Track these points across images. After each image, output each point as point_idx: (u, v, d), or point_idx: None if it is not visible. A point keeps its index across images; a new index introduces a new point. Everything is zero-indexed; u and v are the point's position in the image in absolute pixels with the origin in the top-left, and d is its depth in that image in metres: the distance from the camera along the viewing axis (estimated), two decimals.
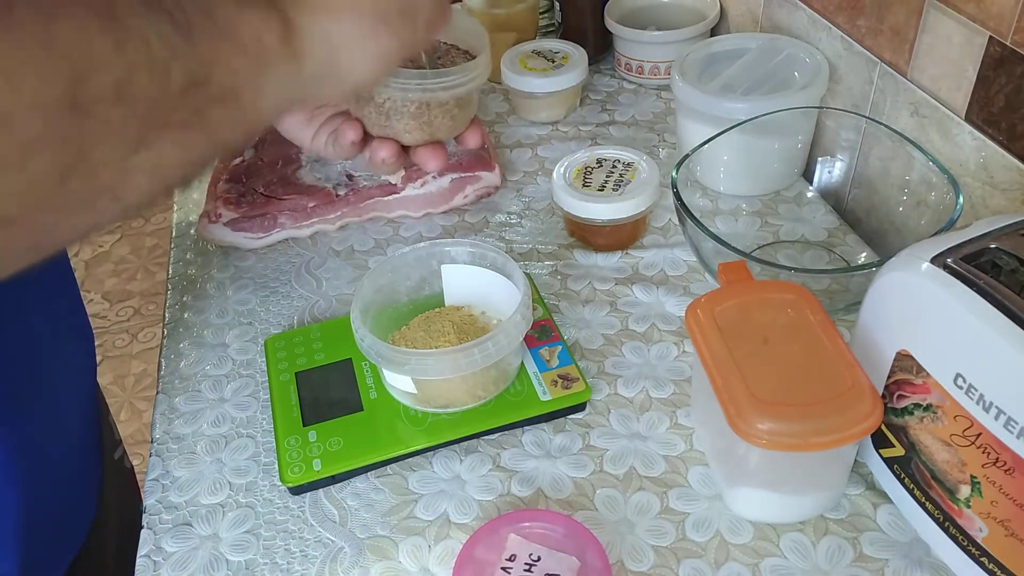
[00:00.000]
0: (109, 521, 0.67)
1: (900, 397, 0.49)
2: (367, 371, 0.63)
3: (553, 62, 0.92)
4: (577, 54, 0.93)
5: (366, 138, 0.52)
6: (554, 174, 0.75)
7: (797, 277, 0.60)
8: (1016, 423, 0.41)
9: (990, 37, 0.59)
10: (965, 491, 0.46)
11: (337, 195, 0.80)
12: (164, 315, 0.74)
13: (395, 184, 0.80)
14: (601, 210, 0.72)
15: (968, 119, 0.63)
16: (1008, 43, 0.58)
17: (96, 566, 0.65)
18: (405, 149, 0.53)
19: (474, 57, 0.52)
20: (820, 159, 0.79)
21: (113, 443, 0.71)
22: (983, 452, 0.43)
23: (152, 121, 0.32)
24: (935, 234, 0.57)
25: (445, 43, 0.55)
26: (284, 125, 0.58)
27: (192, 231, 0.82)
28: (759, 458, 0.50)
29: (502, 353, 0.57)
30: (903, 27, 0.68)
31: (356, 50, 0.40)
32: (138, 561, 0.55)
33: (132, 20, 0.31)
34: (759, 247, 0.74)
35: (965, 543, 0.47)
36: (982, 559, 0.46)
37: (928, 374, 0.46)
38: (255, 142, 0.86)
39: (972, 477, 0.45)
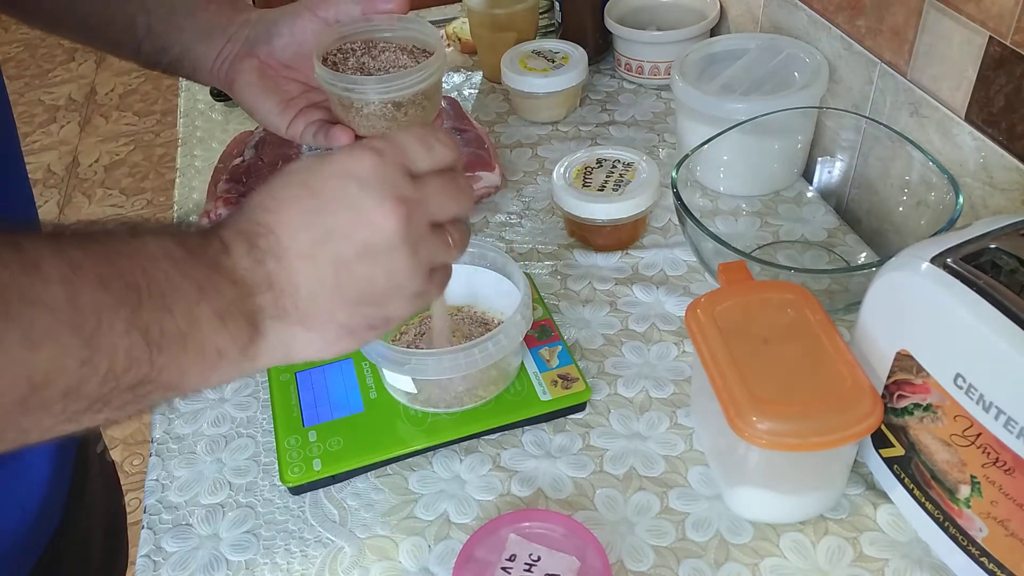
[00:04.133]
0: (95, 515, 0.67)
1: (900, 397, 0.49)
2: (367, 371, 0.63)
3: (553, 62, 0.92)
4: (577, 54, 0.93)
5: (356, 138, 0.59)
6: (554, 174, 0.75)
7: (797, 277, 0.60)
8: (1016, 423, 0.41)
9: (990, 37, 0.59)
10: (965, 491, 0.46)
11: None
12: None
13: None
14: (601, 210, 0.72)
15: (968, 119, 0.63)
16: (1008, 43, 0.58)
17: (82, 559, 0.65)
18: None
19: (429, 53, 0.59)
20: (820, 159, 0.79)
21: (95, 436, 0.71)
22: (983, 452, 0.43)
23: (92, 407, 0.35)
24: (935, 234, 0.57)
25: (388, 39, 0.61)
26: (258, 114, 0.63)
27: None
28: (759, 458, 0.50)
29: (502, 353, 0.57)
30: (903, 27, 0.68)
31: (314, 351, 0.42)
32: (138, 561, 0.55)
33: (107, 339, 0.34)
34: (759, 247, 0.74)
35: (965, 543, 0.47)
36: (982, 559, 0.46)
37: (928, 374, 0.46)
38: (255, 143, 0.86)
39: (972, 477, 0.45)
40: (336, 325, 0.42)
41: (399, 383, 0.59)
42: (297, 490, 0.57)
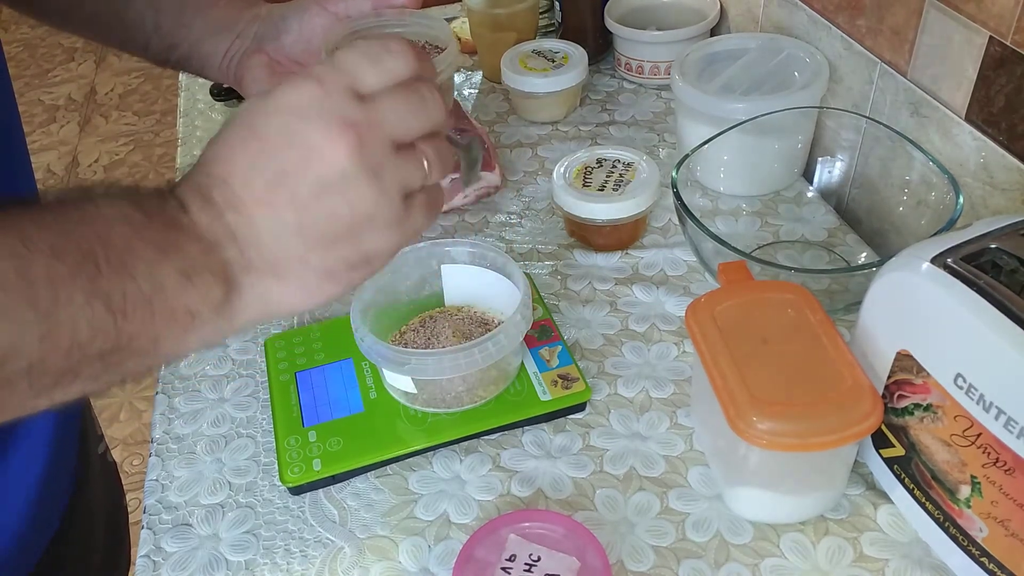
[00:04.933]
0: (96, 515, 0.67)
1: (900, 397, 0.49)
2: (367, 371, 0.63)
3: (553, 62, 0.92)
4: (577, 54, 0.93)
5: None
6: (554, 174, 0.75)
7: (797, 277, 0.60)
8: (1016, 423, 0.41)
9: (990, 37, 0.59)
10: (965, 491, 0.46)
11: None
12: None
13: None
14: (601, 210, 0.72)
15: (968, 119, 0.63)
16: (1008, 43, 0.58)
17: (83, 560, 0.65)
18: None
19: (441, 49, 0.57)
20: (820, 159, 0.79)
21: (96, 437, 0.71)
22: (983, 452, 0.43)
23: (62, 381, 0.34)
24: (935, 234, 0.57)
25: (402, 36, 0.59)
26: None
27: None
28: (759, 458, 0.50)
29: (502, 353, 0.57)
30: (903, 27, 0.68)
31: (296, 302, 0.40)
32: (138, 561, 0.55)
33: (66, 311, 0.33)
34: (759, 247, 0.74)
35: (965, 543, 0.47)
36: (982, 559, 0.46)
37: (928, 374, 0.46)
38: None
39: (972, 477, 0.45)
40: (312, 271, 0.39)
41: (399, 383, 0.59)
42: (297, 490, 0.57)
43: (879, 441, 0.52)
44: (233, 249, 0.38)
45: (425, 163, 0.41)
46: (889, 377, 0.49)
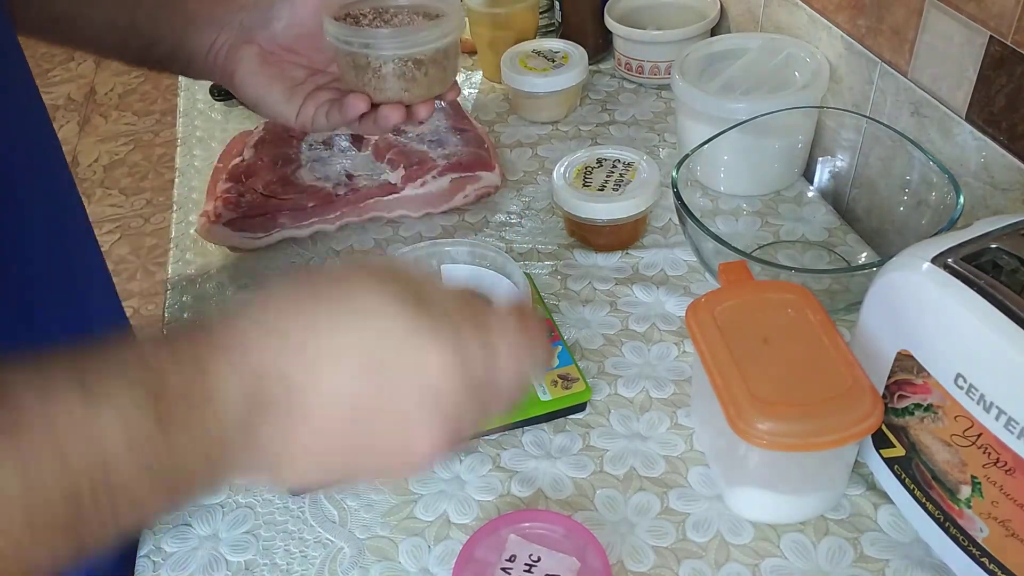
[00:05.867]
0: None
1: (900, 397, 0.49)
2: None
3: (553, 62, 0.92)
4: (577, 54, 0.93)
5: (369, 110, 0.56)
6: (554, 174, 0.75)
7: (797, 277, 0.60)
8: (1017, 423, 0.41)
9: (990, 37, 0.59)
10: (966, 491, 0.46)
11: (337, 195, 0.79)
12: (164, 315, 0.74)
13: (395, 184, 0.80)
14: (601, 210, 0.72)
15: (968, 119, 0.63)
16: (1008, 43, 0.58)
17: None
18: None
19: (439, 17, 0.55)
20: (820, 159, 0.79)
21: None
22: (984, 452, 0.43)
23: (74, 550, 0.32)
24: (935, 234, 0.57)
25: (400, 6, 0.57)
26: (264, 105, 0.59)
27: (192, 231, 0.82)
28: (759, 458, 0.50)
29: None
30: (903, 27, 0.68)
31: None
32: (138, 561, 0.55)
33: (39, 556, 0.31)
34: (759, 247, 0.74)
35: (966, 543, 0.47)
36: (983, 559, 0.46)
37: (928, 374, 0.46)
38: (255, 142, 0.86)
39: (973, 477, 0.45)
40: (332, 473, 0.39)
41: None
42: (297, 490, 0.57)
43: (879, 441, 0.52)
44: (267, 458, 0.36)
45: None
46: (889, 377, 0.49)
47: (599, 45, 1.02)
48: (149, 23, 0.59)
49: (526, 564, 0.48)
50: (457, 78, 0.60)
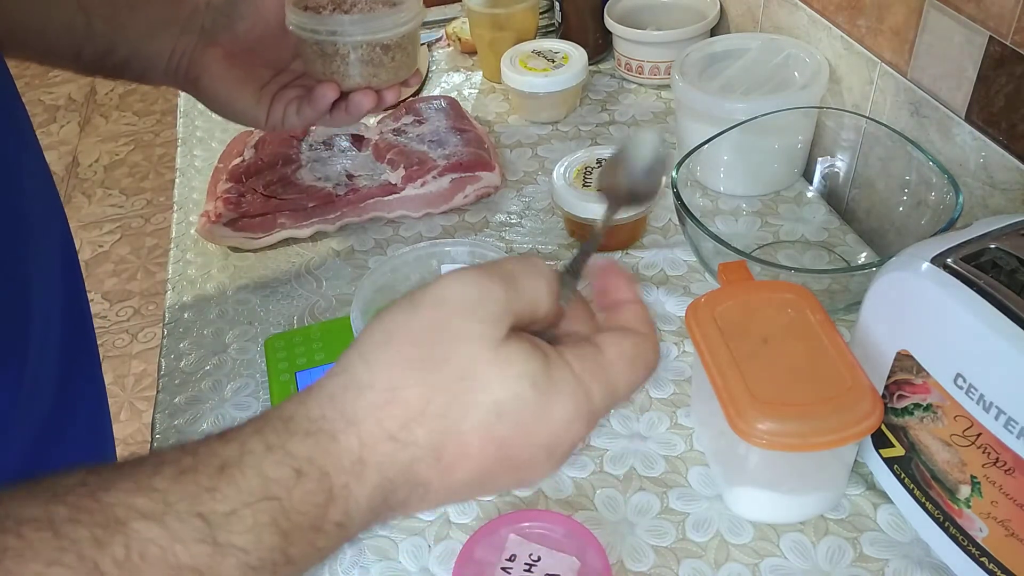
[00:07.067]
0: None
1: (900, 397, 0.49)
2: None
3: (553, 62, 0.92)
4: (577, 54, 0.93)
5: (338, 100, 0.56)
6: (554, 174, 0.75)
7: (797, 277, 0.60)
8: (1016, 423, 0.41)
9: (990, 37, 0.59)
10: (965, 491, 0.46)
11: (337, 195, 0.80)
12: (164, 315, 0.74)
13: (395, 184, 0.80)
14: (601, 210, 0.71)
15: (968, 119, 0.63)
16: (1008, 43, 0.58)
17: None
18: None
19: (395, 3, 0.56)
20: (820, 159, 0.79)
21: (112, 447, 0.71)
22: (983, 452, 0.43)
23: None
24: (935, 234, 0.57)
25: None
26: (233, 109, 0.58)
27: (192, 231, 0.82)
28: (759, 458, 0.50)
29: None
30: (903, 27, 0.68)
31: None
32: None
33: None
34: (759, 247, 0.74)
35: (965, 543, 0.47)
36: (982, 559, 0.46)
37: (928, 374, 0.46)
38: (256, 142, 0.86)
39: (972, 477, 0.45)
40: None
41: None
42: None
43: (879, 441, 0.52)
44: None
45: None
46: (889, 377, 0.49)
47: (599, 45, 1.02)
48: (108, 29, 0.57)
49: (526, 564, 0.49)
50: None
